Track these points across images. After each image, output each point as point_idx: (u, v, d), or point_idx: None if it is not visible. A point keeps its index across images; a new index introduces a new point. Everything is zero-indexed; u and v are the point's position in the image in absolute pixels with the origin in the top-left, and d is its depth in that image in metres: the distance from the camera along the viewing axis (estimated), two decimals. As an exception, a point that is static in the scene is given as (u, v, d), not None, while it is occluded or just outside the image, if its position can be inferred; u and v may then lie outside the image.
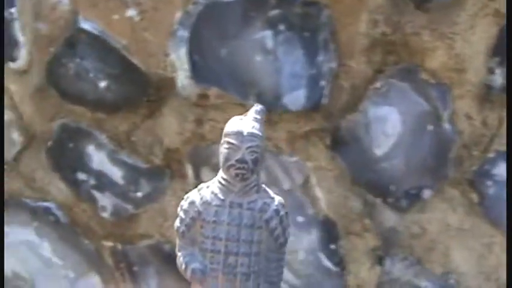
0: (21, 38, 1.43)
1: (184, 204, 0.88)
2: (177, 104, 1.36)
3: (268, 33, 1.28)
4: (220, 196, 0.86)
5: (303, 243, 1.35)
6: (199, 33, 1.31)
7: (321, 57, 1.26)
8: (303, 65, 1.27)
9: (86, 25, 1.37)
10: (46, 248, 1.48)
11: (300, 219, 1.34)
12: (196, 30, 1.31)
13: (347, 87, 1.27)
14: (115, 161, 1.38)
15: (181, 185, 1.40)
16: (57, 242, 1.46)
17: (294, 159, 1.33)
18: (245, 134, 0.85)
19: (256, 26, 1.28)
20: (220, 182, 0.86)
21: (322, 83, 1.28)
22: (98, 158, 1.40)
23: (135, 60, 1.34)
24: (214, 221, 0.86)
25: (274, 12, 1.28)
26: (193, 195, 0.88)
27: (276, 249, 0.88)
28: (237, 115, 1.31)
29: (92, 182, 1.41)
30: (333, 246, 1.34)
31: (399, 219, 1.31)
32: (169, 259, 1.41)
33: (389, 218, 1.31)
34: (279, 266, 0.89)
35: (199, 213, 0.86)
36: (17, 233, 1.51)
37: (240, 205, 0.86)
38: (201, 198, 0.87)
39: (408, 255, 1.31)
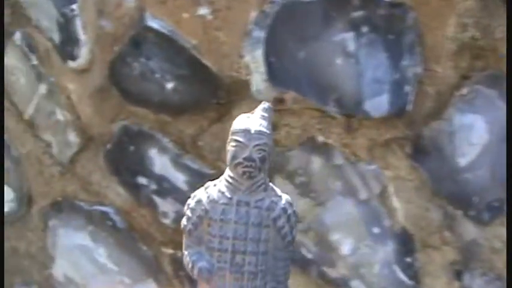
0: (82, 36, 1.34)
1: (191, 202, 0.87)
2: (249, 108, 1.25)
3: (350, 35, 1.19)
4: (228, 194, 0.85)
5: (378, 256, 1.25)
6: (276, 34, 1.21)
7: (405, 62, 1.17)
8: (387, 69, 1.17)
9: (153, 23, 1.27)
10: (101, 253, 1.40)
11: (376, 230, 1.25)
12: (273, 31, 1.21)
13: (432, 93, 1.18)
14: (179, 165, 1.31)
15: None
16: (113, 247, 1.43)
17: (372, 167, 1.23)
18: (252, 131, 0.84)
19: (337, 27, 1.18)
20: (227, 180, 0.86)
21: (407, 88, 1.19)
22: (160, 162, 1.33)
23: (206, 61, 1.24)
24: (222, 220, 0.85)
25: (358, 13, 1.18)
26: (200, 194, 0.87)
27: (283, 248, 0.87)
28: (314, 120, 1.22)
29: (153, 186, 1.35)
30: (408, 259, 1.25)
31: (480, 232, 1.21)
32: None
33: (470, 231, 1.21)
34: (286, 265, 0.88)
35: (206, 211, 0.86)
36: (71, 237, 1.43)
37: (248, 203, 0.85)
38: (208, 197, 0.86)
39: (488, 271, 1.22)
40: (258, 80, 1.23)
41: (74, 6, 1.34)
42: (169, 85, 1.28)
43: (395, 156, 1.24)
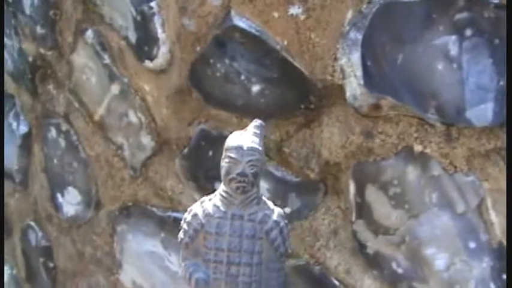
0: (161, 34, 1.22)
1: (188, 216, 0.91)
2: (341, 114, 1.13)
3: (452, 39, 1.07)
4: (222, 208, 0.89)
5: (473, 272, 1.15)
6: (374, 36, 1.09)
7: None
8: (492, 75, 1.05)
9: (240, 22, 1.15)
10: (173, 261, 1.27)
11: (472, 245, 1.15)
12: (371, 33, 1.09)
13: None
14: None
15: (336, 202, 1.18)
16: None
17: (470, 178, 1.10)
18: (245, 148, 0.88)
19: (439, 30, 1.06)
20: (221, 195, 0.89)
21: (513, 96, 1.06)
22: None
23: (297, 64, 1.11)
24: (217, 233, 0.88)
25: (462, 15, 1.05)
26: (196, 208, 0.90)
27: (276, 259, 0.90)
28: (411, 128, 1.09)
29: None
30: (505, 277, 1.15)
31: None
32: (320, 284, 1.18)
33: None
34: (279, 276, 0.91)
35: (202, 225, 0.89)
36: (141, 243, 1.31)
37: (241, 217, 0.88)
38: (204, 211, 0.90)
39: None
40: (353, 85, 1.10)
41: (153, 4, 1.22)
42: (255, 88, 1.16)
43: (496, 168, 1.12)
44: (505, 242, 1.15)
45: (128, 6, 1.28)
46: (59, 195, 1.57)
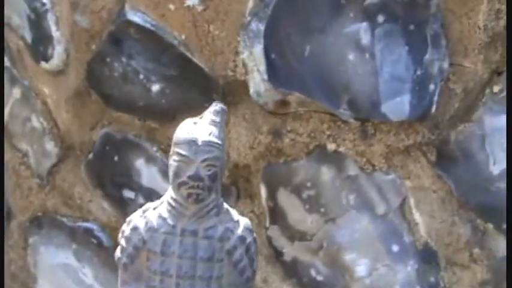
0: (55, 33, 1.03)
1: (126, 230, 0.68)
2: (248, 112, 0.97)
3: (363, 26, 0.93)
4: (170, 221, 0.66)
5: (398, 277, 1.02)
6: (277, 26, 0.94)
7: (428, 56, 0.92)
8: (407, 65, 0.93)
9: (134, 17, 0.98)
10: (87, 274, 1.14)
11: (396, 248, 1.02)
12: (274, 23, 0.93)
13: (459, 92, 0.95)
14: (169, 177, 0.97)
15: (249, 206, 1.01)
16: (99, 267, 1.19)
17: (391, 177, 0.98)
18: (200, 142, 0.65)
19: (348, 17, 0.91)
20: (169, 204, 0.66)
21: (431, 87, 0.90)
22: (148, 174, 1.09)
23: (196, 60, 0.98)
24: (163, 252, 0.66)
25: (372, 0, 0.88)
26: (137, 220, 0.68)
27: (242, 285, 0.67)
28: (323, 126, 0.92)
29: (141, 201, 1.09)
30: (432, 279, 1.01)
31: None
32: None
33: (502, 246, 0.98)
34: None
35: (143, 241, 0.67)
36: (53, 255, 1.15)
37: (195, 232, 0.66)
38: (146, 223, 0.67)
39: (524, 291, 0.97)
40: (256, 80, 0.94)
41: (45, 0, 1.03)
42: (155, 87, 0.99)
43: (418, 165, 0.99)
44: (430, 243, 0.98)
45: (22, 4, 1.09)
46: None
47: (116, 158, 1.11)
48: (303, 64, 0.95)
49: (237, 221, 0.68)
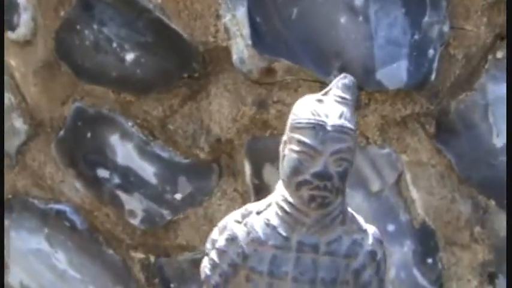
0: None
1: (220, 239, 0.50)
2: (231, 82, 0.85)
3: None
4: (282, 231, 0.49)
5: (394, 258, 0.90)
6: (262, -13, 0.79)
7: (427, 19, 0.82)
8: (404, 28, 0.81)
9: (106, -21, 0.84)
10: (60, 259, 1.06)
11: (391, 227, 0.90)
12: (258, -17, 0.79)
13: (460, 57, 0.84)
14: (146, 154, 0.96)
15: (233, 185, 0.89)
16: (73, 251, 1.07)
17: (386, 151, 0.88)
18: (329, 128, 0.48)
19: (340, -24, 0.77)
20: (282, 208, 0.49)
21: (429, 52, 0.78)
22: (123, 151, 0.97)
23: (174, 25, 0.88)
24: (271, 273, 0.48)
25: (366, -44, 0.76)
26: (234, 226, 0.50)
27: None
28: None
29: (116, 180, 0.98)
30: (430, 261, 0.90)
31: None
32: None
33: (505, 225, 0.87)
34: None
35: (244, 257, 0.49)
36: (25, 240, 1.08)
37: (315, 247, 0.49)
38: (249, 233, 0.50)
39: (526, 272, 0.89)
40: (240, 46, 0.83)
41: (9, -38, 0.89)
42: (130, 56, 0.88)
43: (415, 137, 0.87)
44: (428, 221, 0.86)
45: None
46: None
47: (88, 135, 0.99)
48: (290, 28, 0.85)
49: (365, 231, 0.52)
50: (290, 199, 0.49)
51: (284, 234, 0.48)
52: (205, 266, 0.52)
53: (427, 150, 0.87)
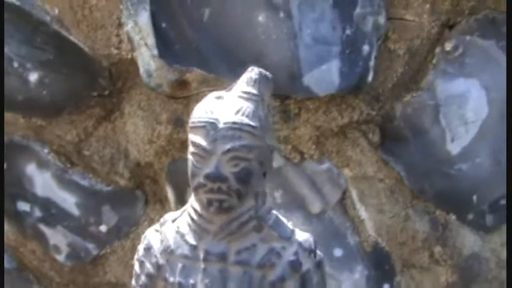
0: None
1: (140, 249, 0.45)
2: (144, 98, 0.70)
3: None
4: (190, 239, 0.43)
5: (343, 286, 0.76)
6: (167, -13, 0.64)
7: (359, 9, 0.69)
8: (334, 23, 0.68)
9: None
10: None
11: (338, 252, 0.76)
12: (162, -17, 0.64)
13: (401, 53, 0.71)
14: (65, 183, 0.83)
15: (160, 212, 0.79)
16: None
17: (325, 166, 0.73)
18: (221, 125, 0.42)
19: (254, -31, 0.63)
20: (189, 215, 0.44)
21: (365, 48, 0.64)
22: (41, 181, 0.83)
23: (73, 38, 0.74)
24: (181, 285, 0.43)
25: None
26: (152, 235, 0.45)
27: None
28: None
29: (38, 214, 0.84)
30: (387, 287, 0.77)
31: (483, 242, 0.76)
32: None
33: (469, 241, 0.75)
34: None
35: (158, 267, 0.44)
36: None
37: (223, 256, 0.42)
38: (162, 241, 0.44)
39: (497, 292, 0.74)
40: (145, 57, 0.70)
41: None
42: (33, 77, 0.78)
43: (357, 149, 0.74)
44: (381, 243, 0.73)
45: None
46: None
47: (4, 166, 0.82)
48: (201, 32, 0.72)
49: (289, 239, 0.44)
50: (195, 205, 0.43)
51: (192, 242, 0.43)
52: (133, 278, 0.47)
53: (372, 163, 0.74)
